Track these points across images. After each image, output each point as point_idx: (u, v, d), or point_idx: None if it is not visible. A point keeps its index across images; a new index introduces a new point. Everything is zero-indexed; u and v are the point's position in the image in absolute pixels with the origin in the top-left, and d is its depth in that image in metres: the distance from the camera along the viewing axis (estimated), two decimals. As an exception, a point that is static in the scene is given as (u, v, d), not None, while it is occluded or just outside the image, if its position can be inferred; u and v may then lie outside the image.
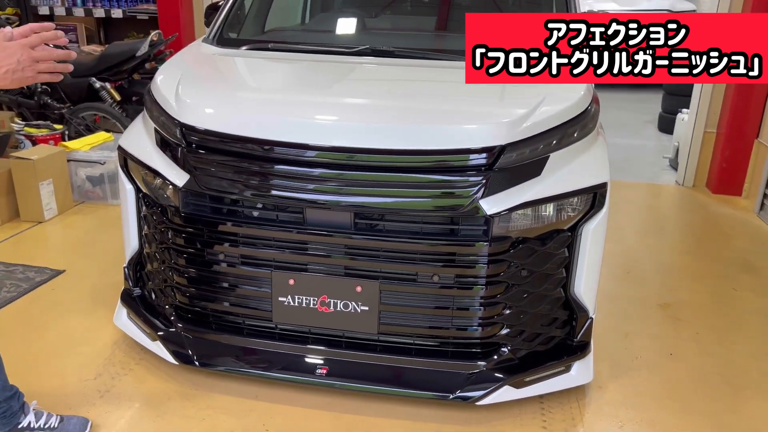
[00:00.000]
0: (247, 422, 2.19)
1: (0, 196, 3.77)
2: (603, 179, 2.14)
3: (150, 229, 2.37)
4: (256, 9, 3.30)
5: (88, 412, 2.21)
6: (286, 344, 2.24)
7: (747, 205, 4.49)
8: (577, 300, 2.23)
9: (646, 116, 7.59)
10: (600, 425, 2.23)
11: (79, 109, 4.74)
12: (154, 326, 2.39)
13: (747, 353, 2.69)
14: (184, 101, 2.23)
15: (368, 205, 2.04)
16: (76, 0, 5.68)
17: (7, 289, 3.03)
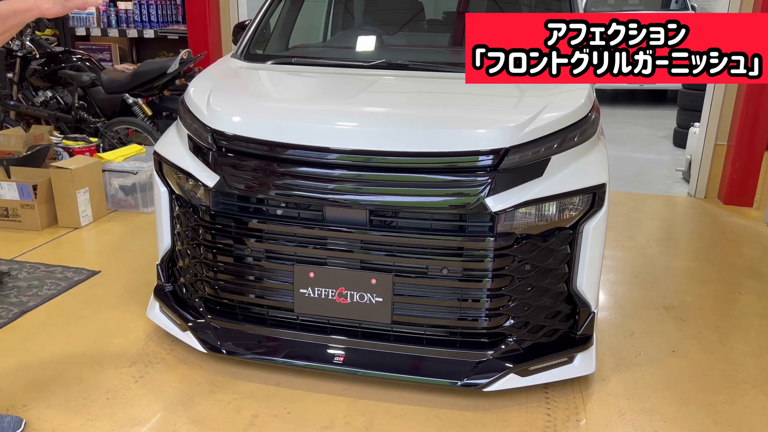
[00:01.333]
0: (270, 406, 2.35)
1: (41, 203, 4.02)
2: (602, 180, 2.29)
3: (182, 228, 2.57)
4: (281, 28, 3.53)
5: (124, 395, 2.40)
6: (306, 334, 2.41)
7: (757, 215, 4.58)
8: (579, 295, 2.37)
9: (661, 132, 7.70)
10: (601, 413, 2.35)
11: (113, 123, 5.01)
12: (184, 318, 2.58)
13: (747, 351, 2.79)
14: (215, 109, 2.44)
15: (383, 204, 2.22)
16: (111, 21, 5.99)
17: (47, 287, 3.26)
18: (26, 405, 2.34)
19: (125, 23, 6.00)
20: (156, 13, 5.93)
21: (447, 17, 3.78)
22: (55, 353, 2.69)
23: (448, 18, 3.76)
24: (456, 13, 3.74)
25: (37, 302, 3.09)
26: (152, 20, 5.93)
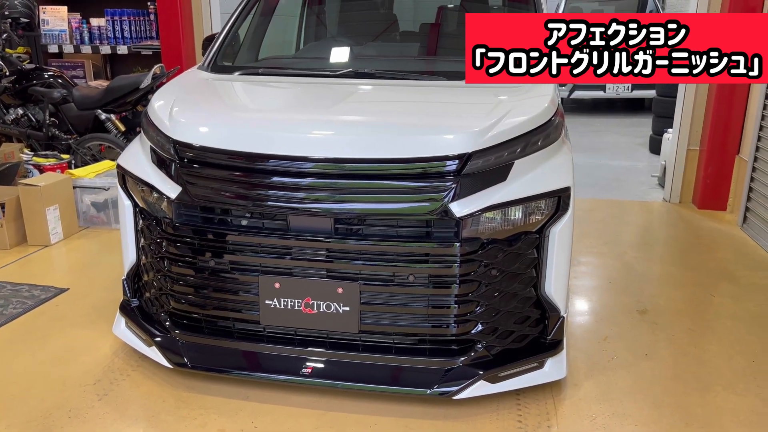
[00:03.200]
0: (237, 420, 2.31)
1: (9, 221, 3.96)
2: (566, 184, 2.29)
3: (146, 241, 2.53)
4: (250, 40, 3.51)
5: (86, 414, 2.34)
6: (273, 346, 2.38)
7: (731, 219, 4.61)
8: (548, 299, 2.36)
9: (638, 139, 7.77)
10: (572, 418, 2.33)
11: (86, 139, 4.97)
12: (150, 333, 2.53)
13: (719, 353, 2.79)
14: (178, 120, 2.42)
15: (348, 211, 2.20)
16: (84, 38, 5.95)
17: (13, 305, 3.19)
18: (-15, 426, 2.27)
19: (98, 40, 5.97)
20: (129, 29, 5.90)
21: (421, 29, 3.79)
22: (19, 372, 2.62)
23: (422, 29, 3.77)
24: (429, 24, 3.75)
25: (2, 321, 3.02)
26: (125, 36, 5.90)
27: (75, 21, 5.96)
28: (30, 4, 5.33)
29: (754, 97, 4.46)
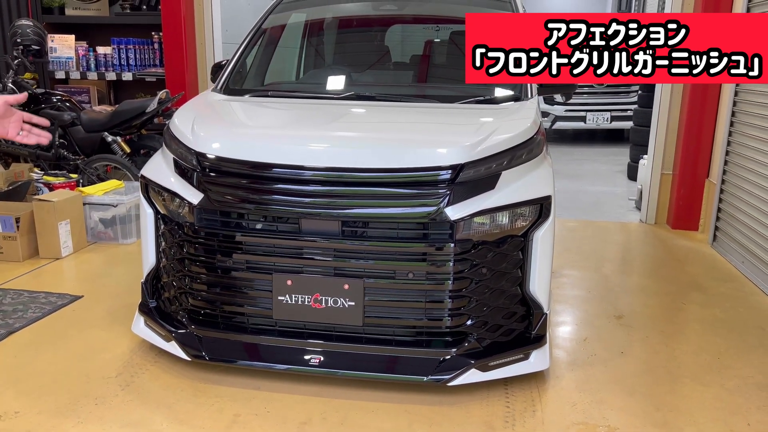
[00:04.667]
0: (251, 406, 2.52)
1: (22, 234, 4.16)
2: (547, 193, 2.58)
3: (167, 244, 2.77)
4: (256, 67, 3.82)
5: (112, 401, 2.55)
6: (284, 339, 2.61)
7: (702, 238, 4.94)
8: (532, 297, 2.62)
9: (617, 167, 8.16)
10: (555, 404, 2.58)
11: (93, 160, 5.20)
12: (168, 329, 2.75)
13: (688, 351, 3.06)
14: (199, 134, 2.69)
15: (354, 215, 2.47)
16: (90, 65, 6.23)
17: (32, 310, 3.39)
18: (18, 412, 2.47)
19: (104, 67, 6.25)
20: (134, 57, 6.19)
21: (412, 60, 4.12)
22: (44, 367, 2.82)
23: (412, 60, 4.11)
24: (419, 56, 4.09)
25: (23, 324, 3.22)
26: (131, 63, 6.19)
27: (82, 49, 6.25)
28: (41, 32, 5.61)
29: (720, 125, 4.83)
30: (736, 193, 4.45)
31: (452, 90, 3.42)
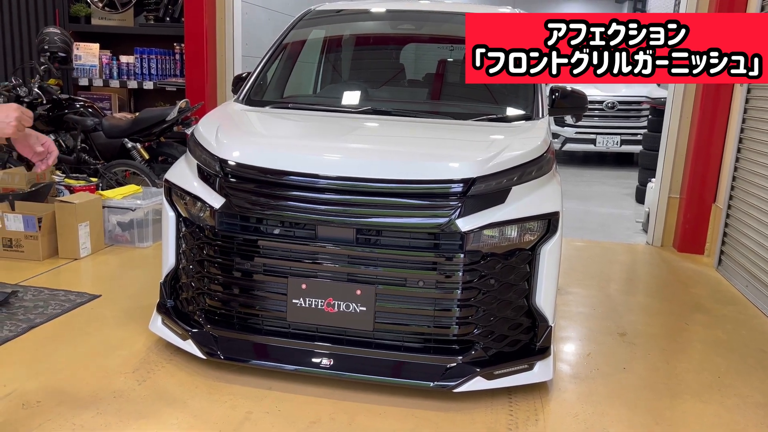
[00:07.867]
0: (263, 405, 2.61)
1: (44, 234, 4.29)
2: (555, 209, 2.67)
3: (187, 246, 2.88)
4: (276, 80, 3.95)
5: (129, 395, 2.64)
6: (297, 341, 2.70)
7: (708, 261, 5.00)
8: (538, 309, 2.71)
9: (625, 190, 8.24)
10: (557, 414, 2.65)
11: (112, 165, 5.35)
12: (185, 328, 2.85)
13: (689, 369, 3.13)
14: (222, 141, 2.81)
15: (368, 224, 2.57)
16: (113, 73, 6.41)
17: (52, 307, 3.50)
18: (40, 401, 2.57)
19: (126, 75, 6.43)
20: (156, 67, 6.37)
21: (426, 77, 4.25)
22: (63, 362, 2.93)
23: (426, 78, 4.23)
24: (433, 74, 4.21)
25: (43, 319, 3.33)
26: (152, 73, 6.36)
27: (106, 57, 6.43)
28: (68, 40, 5.79)
29: (728, 151, 4.92)
30: (741, 218, 4.52)
31: (465, 108, 3.54)
